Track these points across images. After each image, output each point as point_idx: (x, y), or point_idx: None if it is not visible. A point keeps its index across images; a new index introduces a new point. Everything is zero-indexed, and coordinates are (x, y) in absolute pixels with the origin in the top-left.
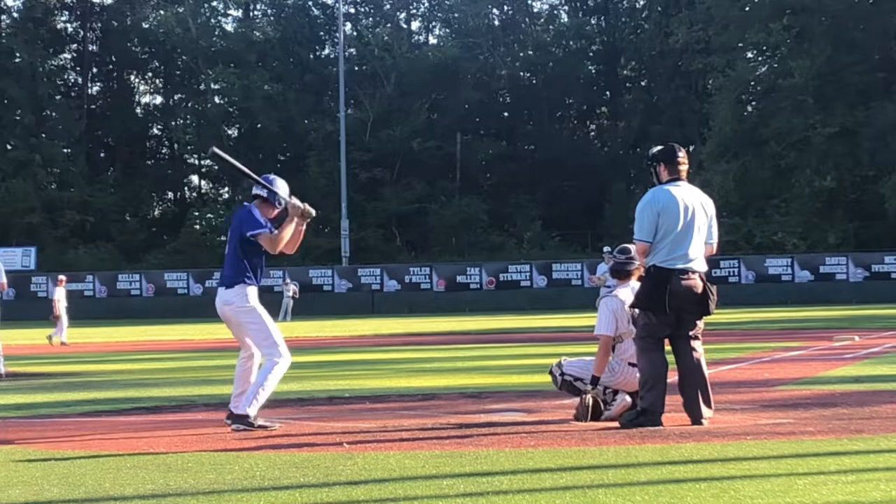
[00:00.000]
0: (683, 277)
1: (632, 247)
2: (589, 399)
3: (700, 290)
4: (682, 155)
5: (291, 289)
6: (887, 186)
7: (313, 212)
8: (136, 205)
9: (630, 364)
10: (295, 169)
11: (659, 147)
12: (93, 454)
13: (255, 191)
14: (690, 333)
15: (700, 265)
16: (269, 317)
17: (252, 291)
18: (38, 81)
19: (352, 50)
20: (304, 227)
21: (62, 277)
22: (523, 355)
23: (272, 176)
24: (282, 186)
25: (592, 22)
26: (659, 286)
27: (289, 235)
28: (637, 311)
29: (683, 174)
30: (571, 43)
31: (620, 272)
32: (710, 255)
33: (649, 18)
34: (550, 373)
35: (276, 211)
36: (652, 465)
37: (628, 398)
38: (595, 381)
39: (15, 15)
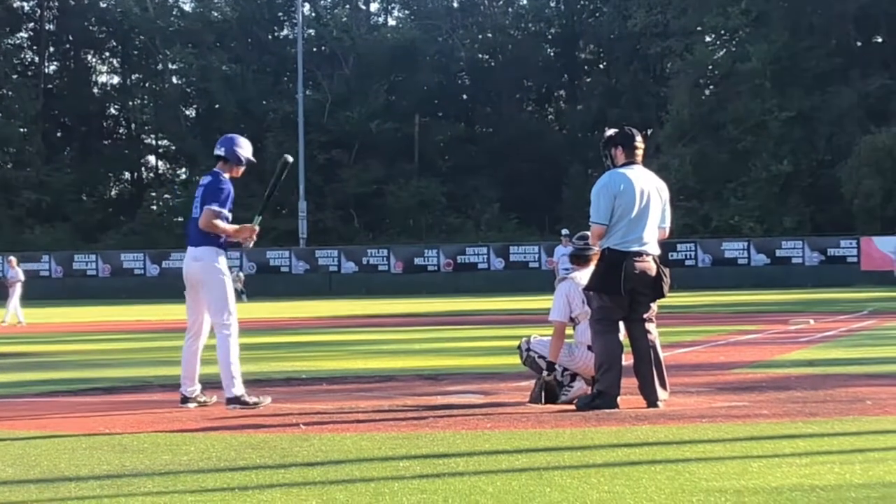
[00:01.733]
0: (637, 260)
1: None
2: (542, 382)
3: (654, 272)
4: (639, 139)
5: (241, 276)
6: (843, 171)
7: (251, 244)
8: (92, 185)
9: (589, 348)
10: (253, 150)
11: (614, 130)
12: (48, 434)
13: (216, 151)
14: (645, 316)
15: (654, 248)
16: (232, 291)
17: (221, 254)
18: None
19: (310, 31)
20: (247, 242)
21: (13, 258)
22: (480, 338)
23: (234, 136)
24: (245, 146)
25: (552, 5)
26: (613, 268)
27: (225, 234)
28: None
29: (639, 158)
30: (530, 25)
31: (580, 258)
32: (662, 239)
33: (608, 2)
34: (518, 347)
35: (241, 169)
36: (608, 447)
37: (586, 386)
38: (551, 366)
39: None
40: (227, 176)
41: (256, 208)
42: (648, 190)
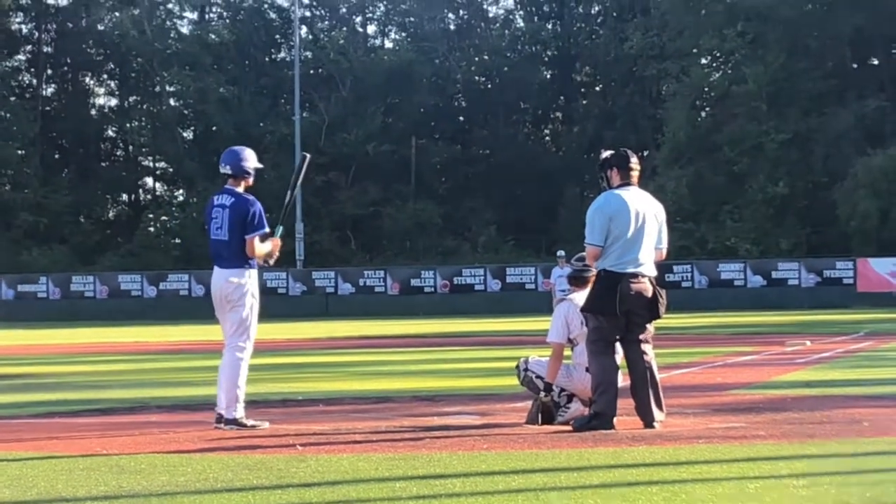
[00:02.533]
0: (633, 281)
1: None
2: (539, 403)
3: (650, 293)
4: (634, 160)
5: None
6: (839, 193)
7: (272, 262)
8: (90, 207)
9: (587, 369)
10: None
11: (610, 151)
12: (46, 455)
13: (222, 169)
14: (641, 337)
15: (650, 270)
16: (256, 318)
17: (253, 275)
18: None
19: (307, 53)
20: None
21: None
22: (477, 359)
23: (236, 149)
24: (249, 157)
25: (548, 27)
26: (609, 290)
27: (259, 257)
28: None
29: (635, 179)
30: (526, 48)
31: (578, 279)
32: (660, 260)
33: (604, 24)
34: (517, 367)
35: (251, 180)
36: (604, 468)
37: (583, 407)
38: (548, 387)
39: None
40: (242, 190)
41: (278, 218)
42: (644, 211)
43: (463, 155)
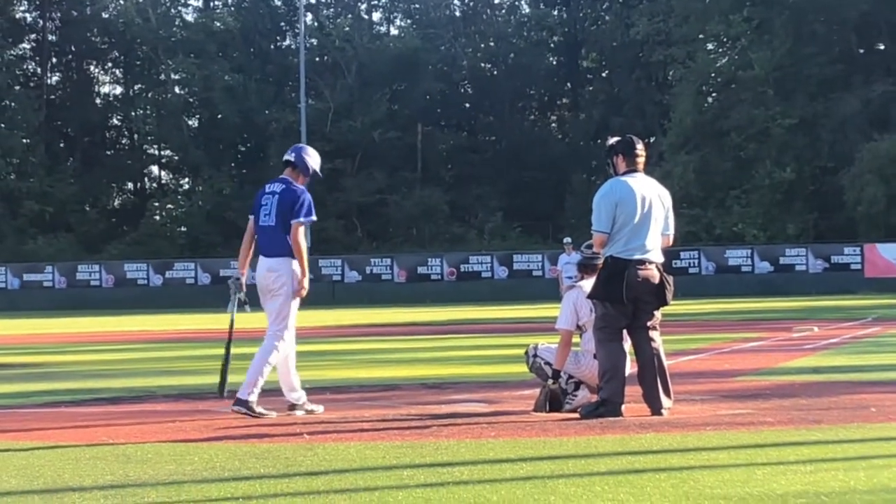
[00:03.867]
0: (640, 268)
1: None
2: (547, 390)
3: (657, 280)
4: (640, 147)
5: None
6: (846, 178)
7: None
8: (95, 195)
9: (595, 357)
10: (256, 159)
11: (616, 138)
12: (52, 445)
13: (286, 157)
14: (648, 324)
15: (657, 256)
16: (296, 310)
17: (295, 265)
18: None
19: (312, 40)
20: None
21: None
22: (484, 346)
23: (304, 145)
24: (314, 156)
25: (554, 13)
26: (616, 276)
27: (300, 255)
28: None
29: (640, 166)
30: (532, 34)
31: (587, 267)
32: (667, 246)
33: (610, 10)
34: (525, 353)
35: (307, 179)
36: (612, 455)
37: (590, 394)
38: (556, 374)
39: None
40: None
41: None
42: (650, 197)
43: (469, 142)
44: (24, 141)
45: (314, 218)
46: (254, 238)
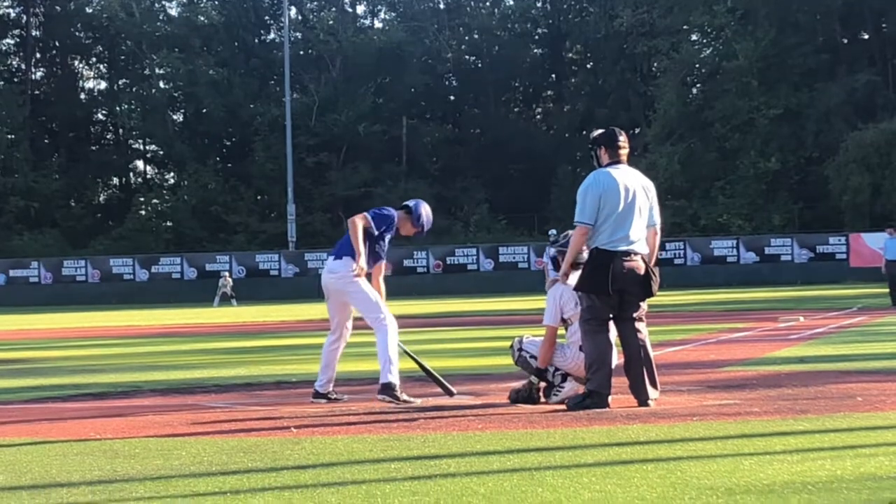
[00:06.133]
0: (625, 259)
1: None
2: (526, 383)
3: (642, 271)
4: (622, 138)
5: (228, 281)
6: (831, 168)
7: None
8: (80, 190)
9: (581, 349)
10: (241, 154)
11: (601, 131)
12: (39, 441)
13: (407, 202)
14: (634, 315)
15: (642, 247)
16: (373, 290)
17: (350, 263)
18: None
19: (297, 34)
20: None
21: None
22: (470, 339)
23: (420, 202)
24: (426, 213)
25: (537, 5)
26: (601, 268)
27: (357, 248)
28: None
29: (624, 157)
30: (516, 26)
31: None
32: (655, 238)
33: (594, 1)
34: (511, 347)
35: (414, 231)
36: (599, 446)
37: (578, 387)
38: (539, 373)
39: None
40: (397, 221)
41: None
42: (633, 188)
43: (454, 134)
44: (9, 136)
45: (375, 232)
46: None
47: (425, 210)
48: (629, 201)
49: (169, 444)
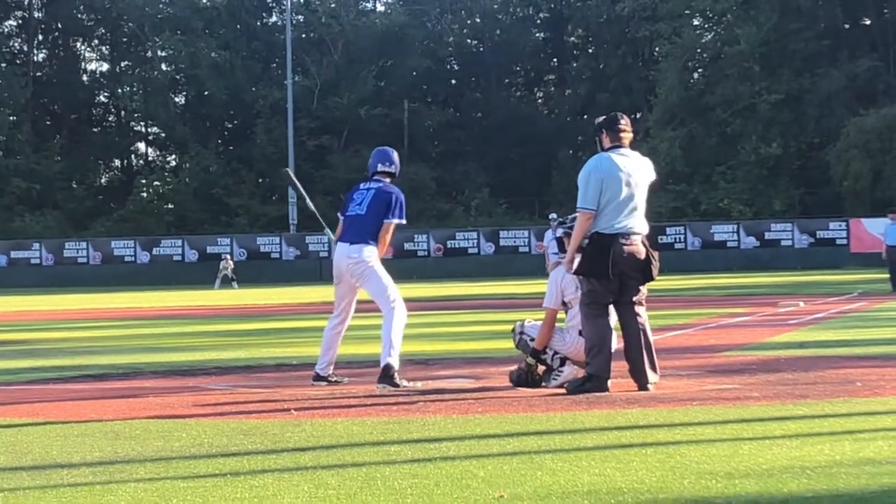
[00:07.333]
0: (626, 243)
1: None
2: (523, 364)
3: (643, 255)
4: (623, 122)
5: (229, 264)
6: (832, 153)
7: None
8: (82, 172)
9: (580, 332)
10: (242, 137)
11: (603, 117)
12: (40, 422)
13: (384, 168)
14: (634, 299)
15: (642, 228)
16: (388, 275)
17: (374, 252)
18: None
19: (299, 17)
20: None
21: None
22: (471, 322)
23: (389, 149)
24: (396, 160)
25: None
26: (601, 252)
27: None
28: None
29: (625, 141)
30: (519, 10)
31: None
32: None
33: None
34: (512, 330)
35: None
36: (598, 430)
37: (577, 370)
38: (536, 353)
39: None
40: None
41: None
42: (634, 172)
43: (456, 118)
44: (11, 118)
45: (405, 221)
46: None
47: (396, 160)
48: (630, 186)
49: (169, 426)
